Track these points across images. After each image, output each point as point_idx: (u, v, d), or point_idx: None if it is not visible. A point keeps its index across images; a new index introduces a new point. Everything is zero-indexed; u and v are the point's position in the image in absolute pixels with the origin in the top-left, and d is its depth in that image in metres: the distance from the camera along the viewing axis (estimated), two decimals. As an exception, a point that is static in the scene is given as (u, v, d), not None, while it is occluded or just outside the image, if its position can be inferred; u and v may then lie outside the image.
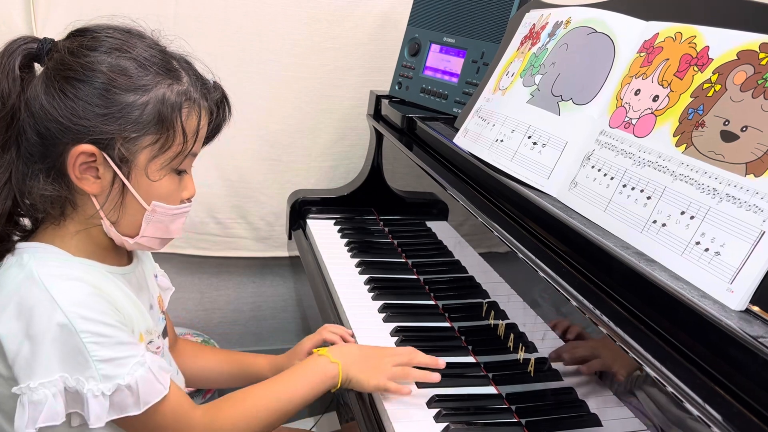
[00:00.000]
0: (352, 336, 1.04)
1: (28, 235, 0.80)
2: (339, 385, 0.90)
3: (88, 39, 0.75)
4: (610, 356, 0.72)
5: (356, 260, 1.30)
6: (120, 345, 0.74)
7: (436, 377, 0.92)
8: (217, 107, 0.83)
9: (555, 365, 0.83)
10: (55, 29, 1.46)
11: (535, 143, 0.94)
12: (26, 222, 0.81)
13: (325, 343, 1.02)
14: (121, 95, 0.73)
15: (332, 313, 1.15)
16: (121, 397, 0.73)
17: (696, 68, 0.75)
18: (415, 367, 0.93)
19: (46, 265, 0.75)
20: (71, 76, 0.72)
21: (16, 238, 0.80)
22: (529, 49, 1.05)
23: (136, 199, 0.77)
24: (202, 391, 1.61)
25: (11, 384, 0.74)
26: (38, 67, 0.77)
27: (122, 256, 0.86)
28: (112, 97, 0.73)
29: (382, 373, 0.90)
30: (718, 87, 0.71)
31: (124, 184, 0.76)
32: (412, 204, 1.41)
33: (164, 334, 0.94)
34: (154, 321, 0.87)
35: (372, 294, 1.18)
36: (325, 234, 1.43)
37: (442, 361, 0.94)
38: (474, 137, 1.07)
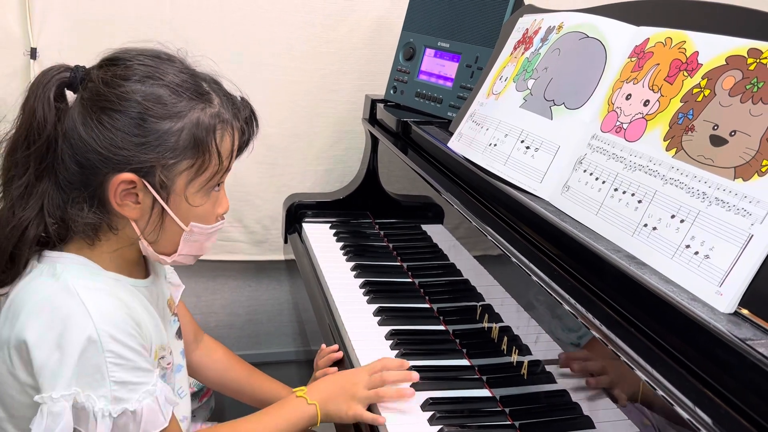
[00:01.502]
0: (339, 350, 1.06)
1: (53, 244, 0.80)
2: (318, 423, 0.92)
3: (121, 68, 0.75)
4: (604, 360, 0.73)
5: (352, 264, 1.31)
6: (137, 370, 0.75)
7: (411, 393, 0.93)
8: (246, 124, 0.84)
9: (548, 368, 0.84)
10: (52, 34, 1.47)
11: (528, 147, 0.95)
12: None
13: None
14: (157, 123, 0.74)
15: (328, 316, 1.16)
16: (123, 421, 0.74)
17: (686, 73, 0.76)
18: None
19: (80, 277, 0.76)
20: (107, 106, 0.73)
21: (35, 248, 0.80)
22: (522, 53, 1.06)
23: (174, 221, 0.79)
24: (199, 395, 1.61)
25: (28, 391, 0.75)
26: (70, 96, 0.78)
27: (142, 267, 0.88)
28: (148, 125, 0.74)
29: (357, 401, 0.91)
30: (707, 92, 0.72)
31: (163, 208, 0.77)
32: (408, 207, 1.42)
33: (178, 335, 0.95)
34: (166, 326, 0.88)
35: (367, 297, 1.19)
36: (321, 237, 1.44)
37: (415, 375, 0.94)
38: (468, 141, 1.08)
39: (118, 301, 0.76)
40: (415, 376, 0.94)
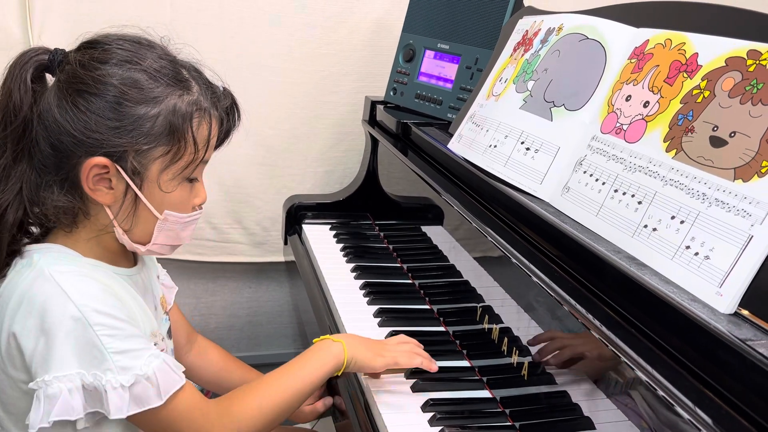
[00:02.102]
0: None
1: (37, 239, 0.81)
2: (345, 363, 0.90)
3: (98, 51, 0.75)
4: (602, 358, 0.73)
5: (352, 265, 1.31)
6: (133, 337, 0.75)
7: (435, 367, 0.94)
8: (227, 114, 0.84)
9: (548, 368, 0.84)
10: (52, 35, 1.47)
11: (528, 149, 0.95)
12: (34, 229, 0.82)
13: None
14: (132, 108, 0.74)
15: (328, 318, 1.16)
16: (141, 389, 0.73)
17: (685, 74, 0.76)
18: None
19: (56, 263, 0.76)
20: (83, 89, 0.73)
21: (25, 241, 0.81)
22: (522, 55, 1.06)
23: (148, 208, 0.78)
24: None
25: (21, 386, 0.75)
26: (50, 78, 0.77)
27: (128, 258, 0.87)
28: (124, 110, 0.73)
29: (386, 352, 0.92)
30: (706, 93, 0.72)
31: (136, 194, 0.77)
32: (408, 209, 1.42)
33: (169, 335, 0.95)
34: (158, 322, 0.88)
35: (367, 299, 1.19)
36: (321, 239, 1.44)
37: (435, 366, 0.95)
38: (468, 143, 1.08)
39: (96, 282, 0.76)
40: (435, 367, 0.95)
